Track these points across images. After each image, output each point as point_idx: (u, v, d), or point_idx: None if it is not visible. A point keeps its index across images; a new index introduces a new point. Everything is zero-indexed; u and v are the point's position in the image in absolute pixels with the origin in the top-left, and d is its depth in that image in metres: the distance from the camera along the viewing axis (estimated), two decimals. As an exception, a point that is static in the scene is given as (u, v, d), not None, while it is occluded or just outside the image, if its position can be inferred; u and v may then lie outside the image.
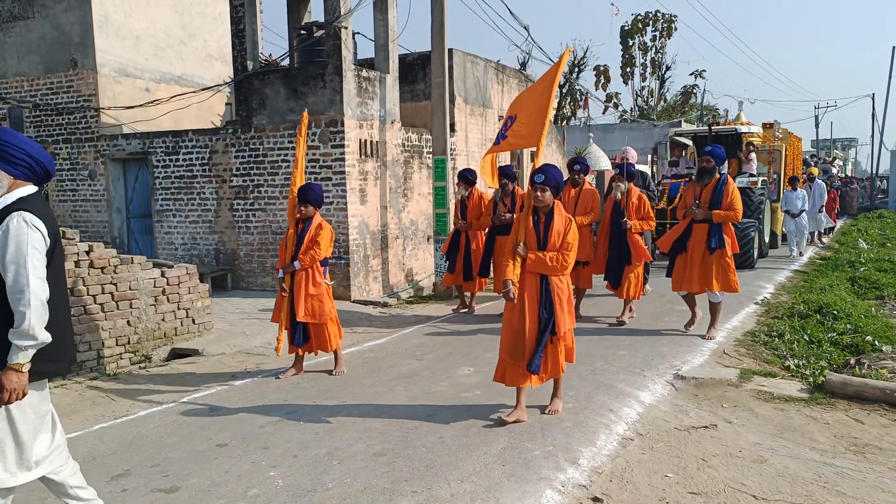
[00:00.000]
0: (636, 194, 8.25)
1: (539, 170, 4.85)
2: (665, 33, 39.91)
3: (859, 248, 15.32)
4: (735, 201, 7.16)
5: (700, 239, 7.29)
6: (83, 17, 11.81)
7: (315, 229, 6.25)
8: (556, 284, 4.85)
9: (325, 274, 6.40)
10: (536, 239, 4.86)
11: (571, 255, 4.83)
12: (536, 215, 4.93)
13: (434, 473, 4.07)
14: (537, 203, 4.87)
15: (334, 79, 10.11)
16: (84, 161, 12.32)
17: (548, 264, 4.79)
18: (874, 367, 6.08)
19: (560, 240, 4.83)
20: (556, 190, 4.90)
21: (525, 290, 4.85)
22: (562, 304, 4.85)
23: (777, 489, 3.99)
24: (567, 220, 4.90)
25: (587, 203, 8.35)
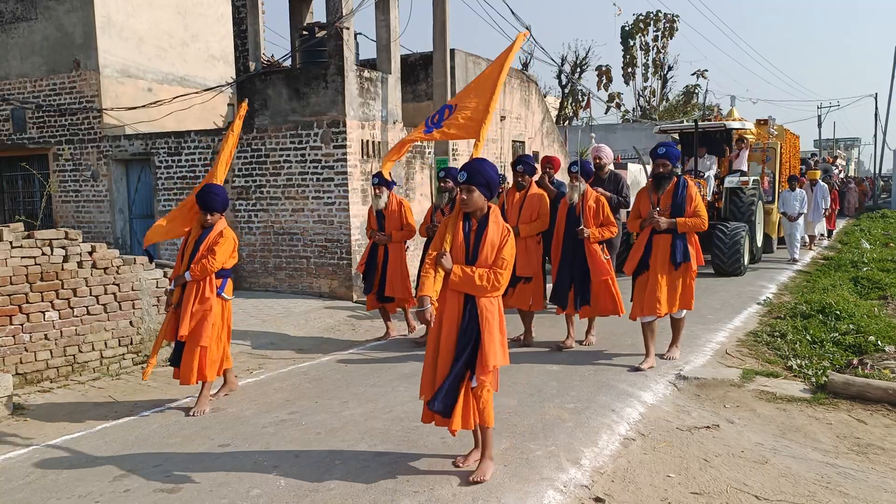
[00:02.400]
0: (593, 197, 7.01)
1: (464, 166, 4.03)
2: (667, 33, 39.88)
3: (862, 248, 15.28)
4: (700, 207, 6.21)
5: (663, 252, 6.22)
6: (86, 18, 11.83)
7: (214, 237, 5.54)
8: (486, 307, 3.94)
9: (224, 288, 5.65)
10: (465, 250, 4.02)
11: (505, 274, 3.97)
12: (468, 222, 4.08)
13: (436, 473, 4.08)
14: (462, 206, 4.03)
15: (336, 79, 10.12)
16: (87, 162, 12.34)
17: (475, 283, 3.92)
18: (877, 368, 6.07)
19: (494, 254, 3.97)
20: (488, 191, 4.03)
21: (444, 312, 4.02)
22: (491, 331, 3.92)
23: (779, 489, 3.99)
24: (504, 232, 4.02)
25: (533, 209, 7.09)
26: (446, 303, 4.03)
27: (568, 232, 6.98)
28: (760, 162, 14.89)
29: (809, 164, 22.16)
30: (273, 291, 10.76)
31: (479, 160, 4.10)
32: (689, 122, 15.08)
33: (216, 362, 5.53)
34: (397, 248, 7.77)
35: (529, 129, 16.70)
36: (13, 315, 6.20)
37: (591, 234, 6.85)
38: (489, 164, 4.07)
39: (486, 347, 3.91)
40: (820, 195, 16.13)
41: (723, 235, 11.73)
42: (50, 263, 6.47)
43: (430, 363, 4.06)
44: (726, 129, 13.65)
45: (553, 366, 6.41)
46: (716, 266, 11.82)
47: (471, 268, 3.97)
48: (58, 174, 12.62)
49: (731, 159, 13.65)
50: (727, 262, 11.69)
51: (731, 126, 13.71)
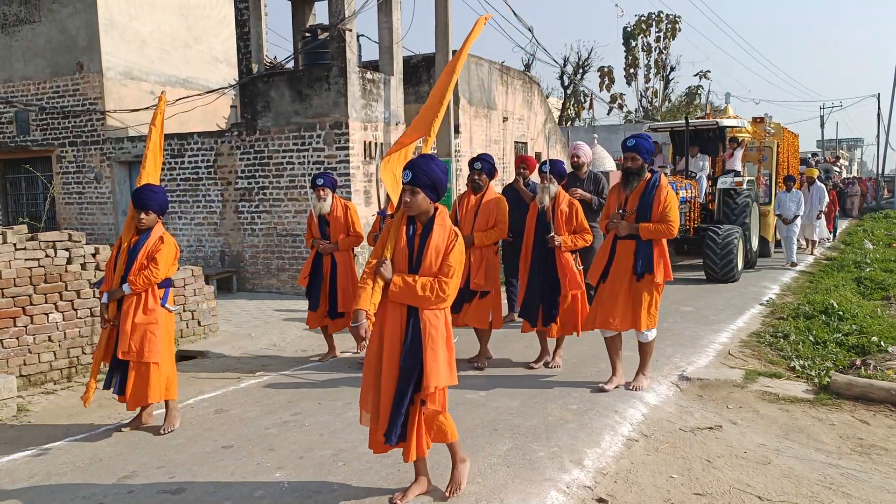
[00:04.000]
0: (566, 200, 6.24)
1: (408, 165, 3.64)
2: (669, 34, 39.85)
3: (865, 249, 15.26)
4: (670, 210, 5.39)
5: (625, 260, 5.51)
6: (89, 20, 11.87)
7: (154, 243, 4.99)
8: (429, 321, 3.58)
9: (167, 299, 5.14)
10: (408, 257, 3.65)
11: (452, 283, 3.60)
12: (412, 226, 3.73)
13: (438, 475, 4.08)
14: (405, 209, 3.66)
15: (339, 81, 10.14)
16: (90, 164, 12.37)
17: (417, 293, 3.55)
18: (880, 368, 6.07)
19: (438, 261, 3.60)
20: (434, 192, 3.64)
21: (385, 327, 3.64)
22: (435, 348, 3.57)
23: (782, 490, 3.99)
24: (451, 236, 3.65)
25: (490, 215, 6.36)
26: (387, 316, 3.64)
27: (538, 239, 6.20)
28: (756, 162, 14.31)
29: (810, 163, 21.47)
30: (276, 293, 10.78)
31: (426, 157, 3.69)
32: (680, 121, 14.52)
33: (175, 374, 5.11)
34: (345, 257, 6.92)
35: (532, 131, 16.71)
36: (17, 317, 6.22)
37: (563, 242, 6.07)
38: (437, 162, 3.69)
39: (428, 366, 3.54)
40: (816, 196, 15.20)
41: (715, 239, 11.15)
42: (53, 265, 6.48)
43: (372, 383, 3.68)
44: (719, 127, 13.08)
45: (555, 367, 6.41)
46: (708, 272, 11.26)
47: (413, 277, 3.59)
48: (61, 176, 12.66)
49: (724, 159, 13.11)
50: (720, 268, 11.10)
51: (725, 124, 13.15)
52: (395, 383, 3.59)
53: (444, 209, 3.76)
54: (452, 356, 3.71)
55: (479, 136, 14.03)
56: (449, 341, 3.69)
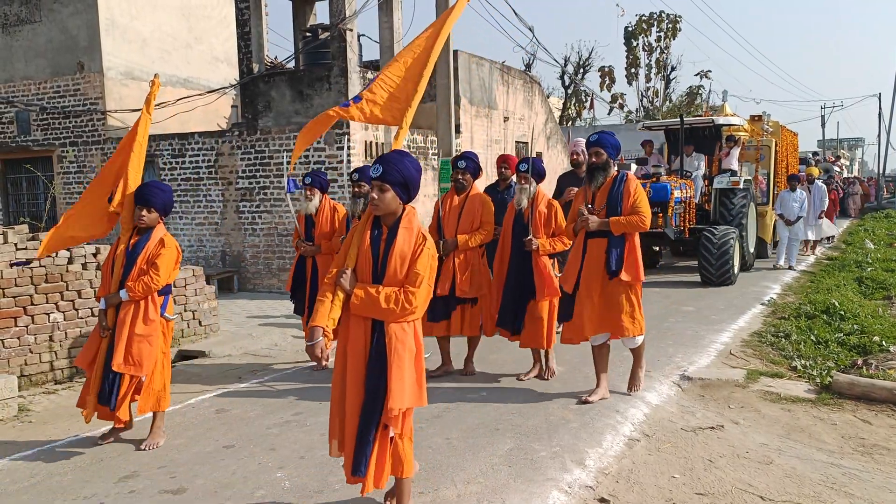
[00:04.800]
0: (544, 201, 5.90)
1: (378, 159, 3.33)
2: (670, 34, 39.84)
3: (866, 249, 15.25)
4: (640, 202, 5.16)
5: (597, 260, 5.20)
6: (90, 20, 11.88)
7: (155, 246, 4.65)
8: (395, 335, 3.25)
9: (166, 307, 4.80)
10: (372, 264, 3.32)
11: (420, 292, 3.25)
12: (377, 229, 3.38)
13: (440, 474, 4.08)
14: (372, 208, 3.33)
15: (339, 81, 10.14)
16: (91, 164, 12.38)
17: (381, 306, 3.21)
18: (881, 368, 6.06)
19: (404, 268, 3.26)
20: (405, 191, 3.31)
21: (349, 344, 3.33)
22: (401, 365, 3.23)
23: (784, 490, 3.98)
24: (418, 240, 3.30)
25: (475, 216, 6.00)
26: (350, 331, 3.32)
27: (515, 242, 5.86)
28: (754, 161, 13.90)
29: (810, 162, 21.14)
30: (277, 293, 10.78)
31: (399, 153, 3.36)
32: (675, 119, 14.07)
33: (166, 389, 4.76)
34: (328, 260, 6.44)
35: (533, 130, 16.70)
36: (18, 317, 6.22)
37: (541, 246, 5.71)
38: (410, 158, 3.37)
39: (392, 385, 3.20)
40: (817, 196, 14.74)
41: (711, 241, 10.73)
42: (54, 265, 6.48)
43: (337, 407, 3.36)
44: (715, 125, 12.71)
45: (558, 367, 6.40)
46: (703, 275, 10.85)
47: (376, 287, 3.25)
48: (62, 176, 12.67)
49: (720, 158, 12.77)
50: (715, 271, 10.68)
51: (721, 122, 12.79)
52: (360, 407, 3.27)
53: (413, 210, 3.41)
54: (422, 374, 3.37)
55: (480, 135, 14.03)
56: (419, 358, 3.34)
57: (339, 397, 3.36)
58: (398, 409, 3.24)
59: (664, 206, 10.84)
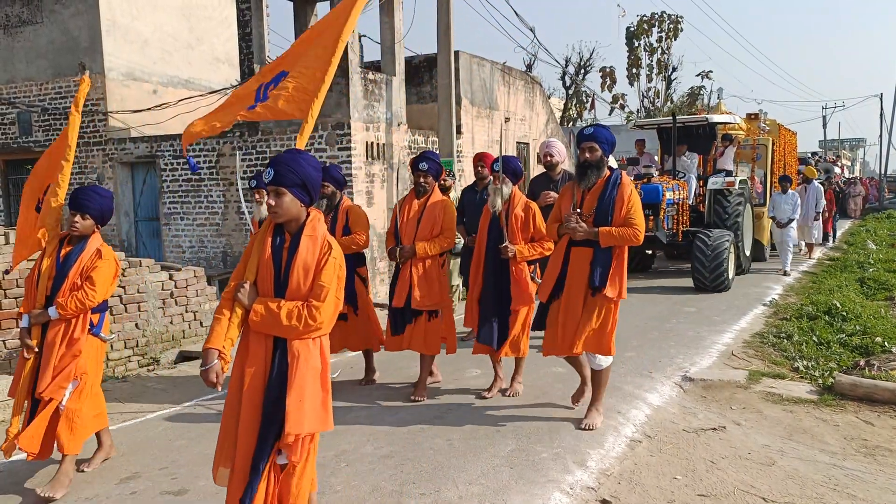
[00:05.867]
0: (521, 203, 5.45)
1: (271, 161, 3.07)
2: (671, 34, 39.83)
3: (868, 249, 15.23)
4: (635, 211, 4.60)
5: (580, 271, 4.68)
6: (91, 21, 11.89)
7: (90, 258, 4.12)
8: (299, 353, 2.96)
9: (101, 326, 4.21)
10: (274, 276, 3.03)
11: (326, 306, 2.96)
12: (279, 236, 3.09)
13: (442, 475, 4.07)
14: (271, 215, 3.06)
15: (341, 82, 10.14)
16: (92, 165, 12.39)
17: (282, 322, 2.93)
18: (884, 369, 6.05)
19: (308, 280, 2.98)
20: (305, 193, 3.04)
21: (247, 363, 3.02)
22: (301, 386, 2.94)
23: (786, 491, 3.97)
24: (324, 248, 3.01)
25: (435, 222, 5.53)
26: (249, 350, 3.03)
27: (491, 248, 5.41)
28: (750, 160, 13.50)
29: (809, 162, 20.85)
30: (278, 293, 10.78)
31: (292, 152, 3.08)
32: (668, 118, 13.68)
33: (85, 428, 4.09)
34: None
35: (534, 131, 16.71)
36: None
37: (518, 252, 5.30)
38: (306, 157, 3.09)
39: (290, 407, 2.90)
40: (813, 197, 14.15)
41: (705, 245, 10.28)
42: (56, 266, 6.47)
43: (231, 433, 3.01)
44: (709, 123, 12.21)
45: (558, 368, 6.39)
46: (696, 280, 10.40)
47: (277, 302, 2.96)
48: (63, 177, 12.66)
49: (714, 158, 12.39)
50: (709, 277, 10.20)
51: (715, 120, 12.26)
52: (257, 432, 2.96)
53: (318, 215, 3.11)
54: (327, 396, 3.07)
55: (481, 136, 14.03)
56: (324, 377, 3.05)
57: (233, 422, 3.01)
58: (295, 434, 2.91)
59: (655, 209, 10.51)
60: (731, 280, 10.52)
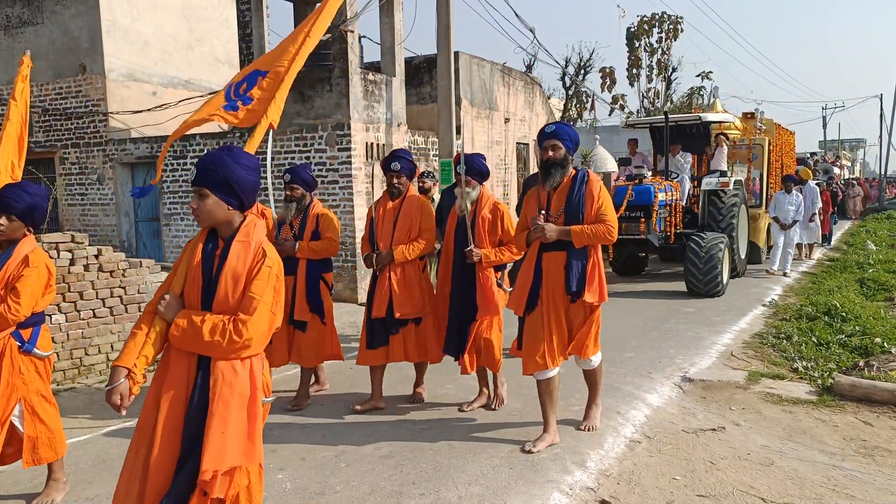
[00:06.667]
0: (489, 204, 5.12)
1: (199, 162, 2.76)
2: (671, 35, 39.84)
3: (868, 250, 15.24)
4: (606, 207, 4.38)
5: (555, 277, 4.40)
6: (91, 22, 11.89)
7: (17, 266, 3.65)
8: (222, 376, 2.61)
9: (35, 342, 3.76)
10: (202, 285, 2.71)
11: (255, 321, 2.61)
12: (211, 243, 2.79)
13: (442, 476, 4.08)
14: (196, 219, 2.76)
15: (341, 82, 10.15)
16: (93, 165, 12.39)
17: (204, 338, 2.59)
18: (883, 370, 6.06)
19: (237, 291, 2.65)
20: (231, 194, 2.71)
21: (164, 384, 2.67)
22: (225, 415, 2.59)
23: (786, 492, 3.98)
24: (257, 255, 2.69)
25: (412, 223, 5.23)
26: (169, 369, 2.69)
27: (458, 253, 5.09)
28: (746, 160, 13.25)
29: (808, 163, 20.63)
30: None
31: (222, 150, 2.78)
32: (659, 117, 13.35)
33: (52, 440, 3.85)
34: None
35: (533, 132, 16.71)
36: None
37: (484, 257, 4.96)
38: (238, 155, 2.77)
39: (210, 438, 2.54)
40: (809, 198, 13.85)
41: (697, 249, 10.01)
42: (56, 266, 6.49)
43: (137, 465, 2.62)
44: (703, 122, 11.89)
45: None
46: (689, 284, 10.11)
47: (202, 315, 2.63)
48: (64, 178, 12.68)
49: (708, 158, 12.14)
50: (702, 281, 9.93)
51: (709, 119, 11.95)
52: (174, 467, 2.58)
53: (254, 220, 2.78)
54: (255, 424, 2.67)
55: (481, 137, 14.03)
56: (253, 404, 2.67)
57: (143, 452, 2.61)
58: (214, 471, 2.53)
59: (647, 211, 10.30)
60: (725, 284, 10.26)
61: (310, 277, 5.39)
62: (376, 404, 5.39)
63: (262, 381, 2.77)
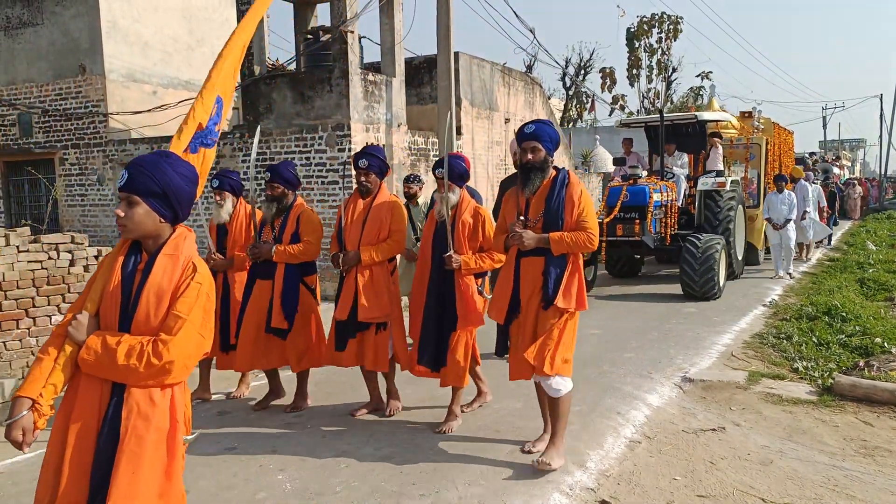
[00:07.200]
0: (470, 208, 4.86)
1: (128, 164, 2.49)
2: (671, 35, 39.86)
3: (868, 250, 15.24)
4: (587, 213, 4.11)
5: (533, 283, 4.17)
6: (91, 23, 11.90)
7: None
8: (137, 407, 2.32)
9: None
10: (121, 304, 2.41)
11: (178, 342, 2.31)
12: (135, 256, 2.50)
13: (442, 476, 4.08)
14: (120, 228, 2.48)
15: (341, 83, 10.15)
16: (93, 166, 12.40)
17: (118, 362, 2.29)
18: (883, 370, 6.06)
19: (161, 309, 2.36)
20: (166, 204, 2.45)
21: (72, 414, 2.36)
22: (137, 452, 2.29)
23: (786, 492, 3.98)
24: (187, 271, 2.42)
25: (382, 223, 5.00)
26: (78, 398, 2.37)
27: (436, 259, 4.84)
28: (743, 160, 13.02)
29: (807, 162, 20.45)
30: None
31: (158, 154, 2.51)
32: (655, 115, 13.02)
33: None
34: (244, 276, 5.57)
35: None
36: (20, 319, 6.23)
37: (463, 263, 4.70)
38: (174, 161, 2.52)
39: (117, 479, 2.26)
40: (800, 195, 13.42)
41: (694, 250, 9.79)
42: (56, 267, 6.49)
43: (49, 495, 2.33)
44: (699, 121, 11.68)
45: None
46: (685, 287, 9.89)
47: (119, 336, 2.32)
48: (64, 178, 12.69)
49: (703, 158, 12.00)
50: (698, 284, 9.70)
51: (705, 118, 11.76)
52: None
53: (185, 232, 2.52)
54: (174, 463, 2.40)
55: (481, 137, 14.04)
56: (172, 439, 2.40)
57: (48, 494, 2.33)
58: None
59: (642, 212, 10.11)
60: (721, 287, 10.03)
61: (288, 282, 5.15)
62: (376, 405, 5.34)
63: (185, 414, 2.48)
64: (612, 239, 10.03)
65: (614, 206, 10.09)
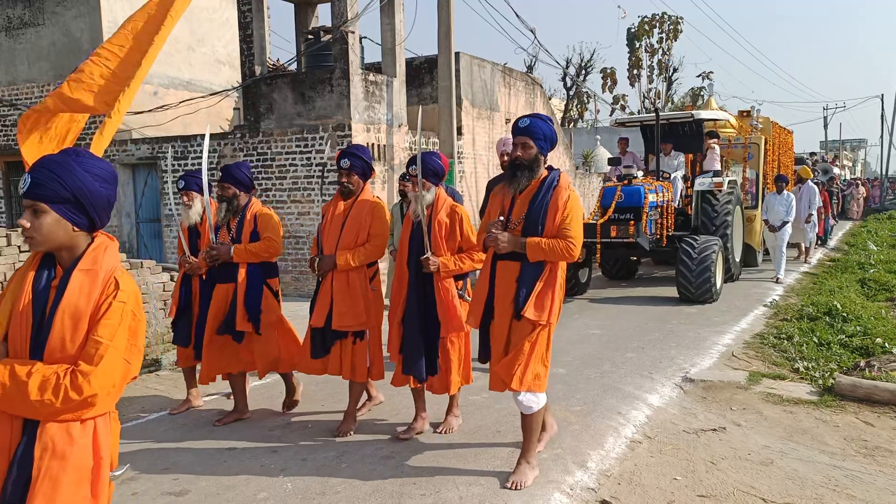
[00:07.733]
0: (446, 208, 4.58)
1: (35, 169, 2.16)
2: (672, 35, 39.85)
3: (869, 250, 15.23)
4: (571, 220, 3.82)
5: (506, 290, 3.92)
6: (93, 23, 11.91)
7: None
8: (52, 445, 2.01)
9: None
10: (31, 326, 2.09)
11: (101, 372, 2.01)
12: (47, 270, 2.17)
13: (442, 476, 4.08)
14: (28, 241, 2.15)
15: (342, 83, 10.16)
16: (94, 166, 12.41)
17: (30, 396, 1.97)
18: (884, 370, 6.06)
19: (79, 333, 2.05)
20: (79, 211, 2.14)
21: None
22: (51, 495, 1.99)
23: (786, 492, 3.98)
24: (108, 288, 2.10)
25: (361, 226, 4.75)
26: None
27: (413, 262, 4.57)
28: (741, 160, 12.81)
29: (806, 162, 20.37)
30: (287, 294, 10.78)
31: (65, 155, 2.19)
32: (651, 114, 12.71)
33: None
34: None
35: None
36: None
37: (442, 265, 4.45)
38: (89, 162, 2.18)
39: None
40: (806, 197, 13.42)
41: (690, 252, 9.61)
42: (58, 267, 6.49)
43: None
44: (696, 120, 11.40)
45: (559, 369, 6.40)
46: (681, 290, 9.69)
47: (30, 365, 2.01)
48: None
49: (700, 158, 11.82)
50: (694, 287, 9.51)
51: (702, 117, 11.48)
52: None
53: (105, 242, 2.21)
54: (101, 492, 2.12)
55: (482, 137, 14.04)
56: (97, 479, 2.10)
57: None
58: None
59: (637, 213, 9.83)
60: (718, 290, 9.84)
61: (251, 283, 4.97)
62: (374, 405, 5.36)
63: (111, 447, 2.17)
64: (607, 240, 9.80)
65: (609, 207, 9.88)
